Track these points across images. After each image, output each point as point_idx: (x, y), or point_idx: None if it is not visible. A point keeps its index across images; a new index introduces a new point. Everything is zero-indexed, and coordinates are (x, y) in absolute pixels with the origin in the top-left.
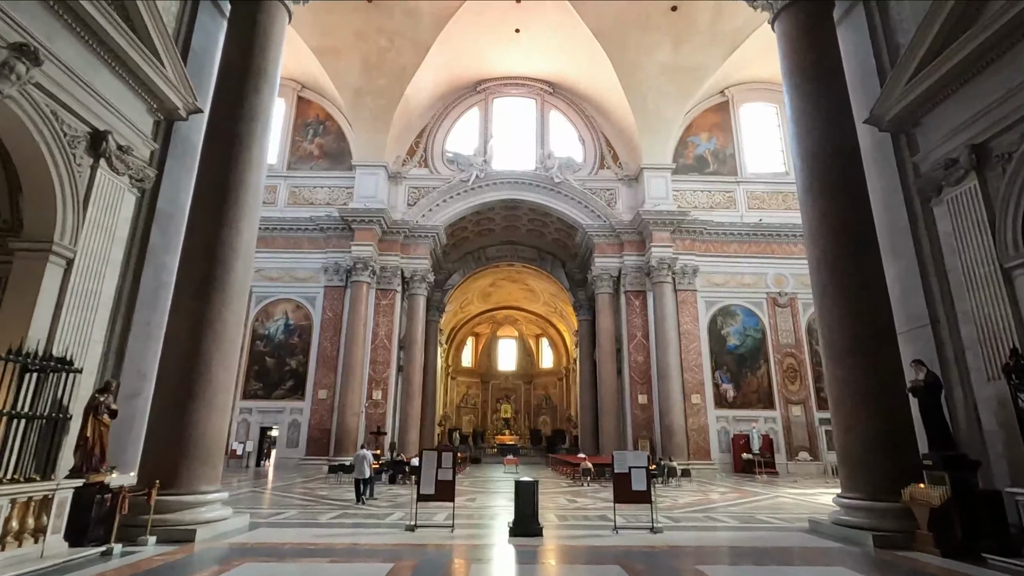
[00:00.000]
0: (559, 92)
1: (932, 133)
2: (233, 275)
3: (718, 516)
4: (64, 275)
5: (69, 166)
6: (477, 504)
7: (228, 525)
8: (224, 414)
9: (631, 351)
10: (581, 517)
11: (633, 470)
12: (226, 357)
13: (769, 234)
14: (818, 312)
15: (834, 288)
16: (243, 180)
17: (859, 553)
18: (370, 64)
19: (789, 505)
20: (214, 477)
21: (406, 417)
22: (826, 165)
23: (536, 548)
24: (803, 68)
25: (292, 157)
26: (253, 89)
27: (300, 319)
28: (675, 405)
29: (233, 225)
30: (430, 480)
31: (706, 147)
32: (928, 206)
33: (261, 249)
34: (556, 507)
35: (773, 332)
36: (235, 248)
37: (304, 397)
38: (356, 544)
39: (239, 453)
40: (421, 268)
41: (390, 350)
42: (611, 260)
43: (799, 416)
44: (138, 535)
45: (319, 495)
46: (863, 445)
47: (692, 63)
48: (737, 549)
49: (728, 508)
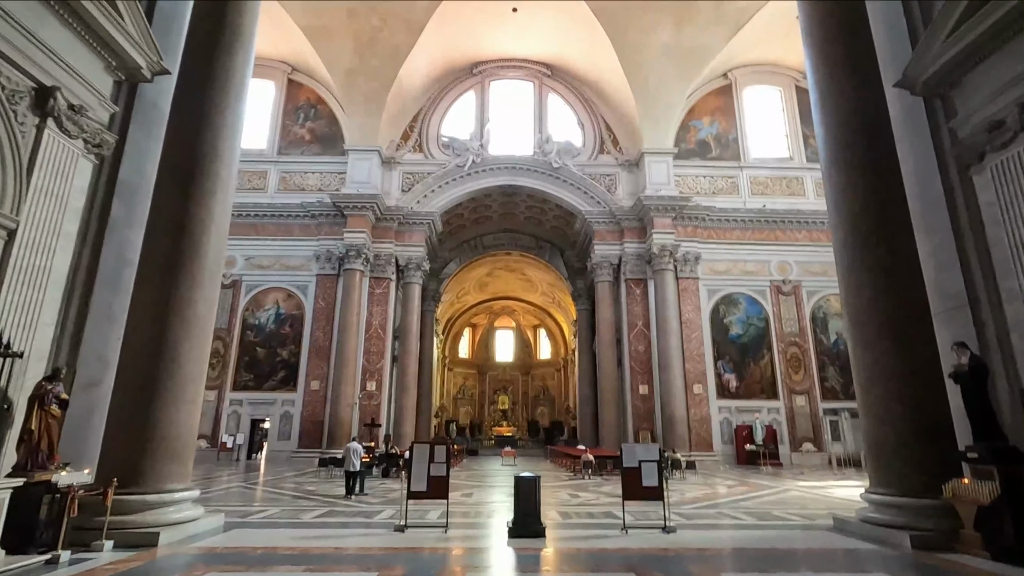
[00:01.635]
0: (557, 75)
1: (974, 94)
2: (203, 253)
3: (732, 512)
4: (4, 248)
5: (8, 124)
6: (474, 500)
7: (199, 526)
8: (194, 406)
9: (631, 341)
10: (585, 514)
11: (643, 464)
12: (196, 343)
13: (773, 220)
14: (844, 293)
15: (863, 266)
16: (215, 149)
17: (896, 556)
18: (362, 44)
19: (803, 500)
20: (183, 474)
21: (401, 409)
22: (853, 133)
23: (539, 552)
24: (826, 29)
25: (282, 142)
26: (226, 50)
27: (292, 308)
28: (677, 395)
29: (204, 198)
30: (422, 476)
31: (708, 131)
32: (967, 175)
33: (251, 236)
34: (558, 503)
35: (777, 321)
36: (205, 224)
37: (296, 388)
38: (338, 548)
39: (229, 446)
40: (416, 256)
41: (384, 340)
42: (611, 247)
43: (803, 406)
44: (94, 539)
45: (307, 490)
46: (896, 436)
47: (695, 44)
48: (761, 553)
49: (740, 503)
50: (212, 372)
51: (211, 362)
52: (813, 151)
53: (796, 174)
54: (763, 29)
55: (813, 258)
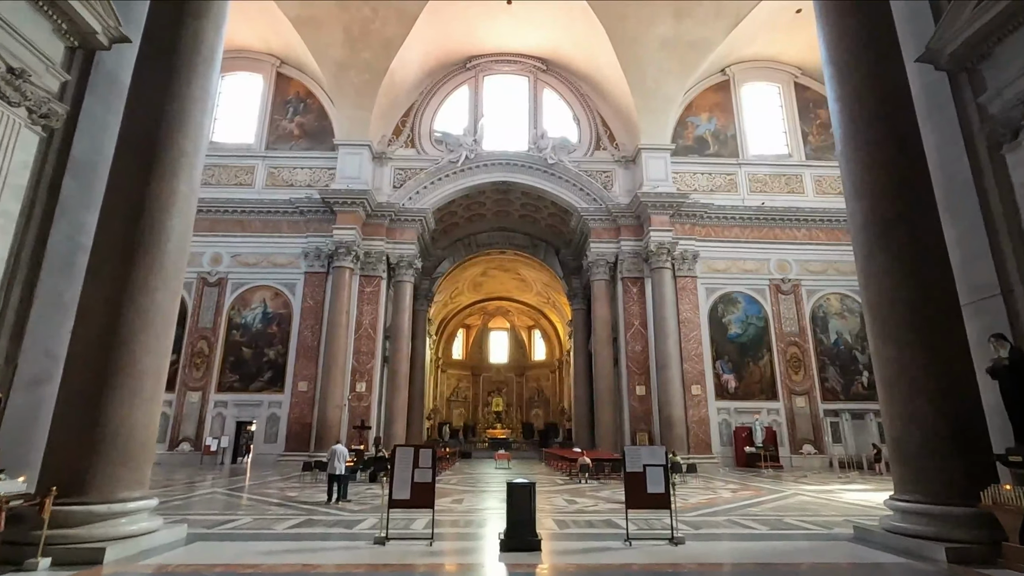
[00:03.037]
0: (553, 69)
1: (1007, 65)
2: (166, 236)
3: (741, 520)
4: None
5: None
6: (464, 507)
7: (155, 540)
8: (153, 404)
9: (628, 340)
10: (584, 523)
11: (648, 469)
12: (156, 334)
13: (772, 218)
14: (864, 283)
15: (885, 253)
16: (180, 124)
17: (933, 571)
18: (353, 36)
19: (813, 505)
20: (138, 480)
21: (392, 410)
22: (871, 108)
23: (533, 568)
24: (842, 1)
25: (271, 137)
26: (194, 14)
27: (279, 307)
28: (675, 396)
29: (167, 176)
30: (405, 482)
31: (706, 128)
32: (998, 154)
33: (237, 233)
34: (554, 509)
35: (776, 320)
36: (168, 204)
37: (283, 389)
38: (307, 566)
39: (213, 449)
40: (408, 253)
41: (375, 340)
42: (607, 245)
43: (803, 407)
44: (29, 556)
45: (287, 496)
46: (923, 436)
47: (694, 37)
48: (783, 569)
49: (747, 509)
50: (196, 373)
51: (195, 362)
52: (812, 148)
53: (795, 171)
54: (762, 23)
55: (813, 256)
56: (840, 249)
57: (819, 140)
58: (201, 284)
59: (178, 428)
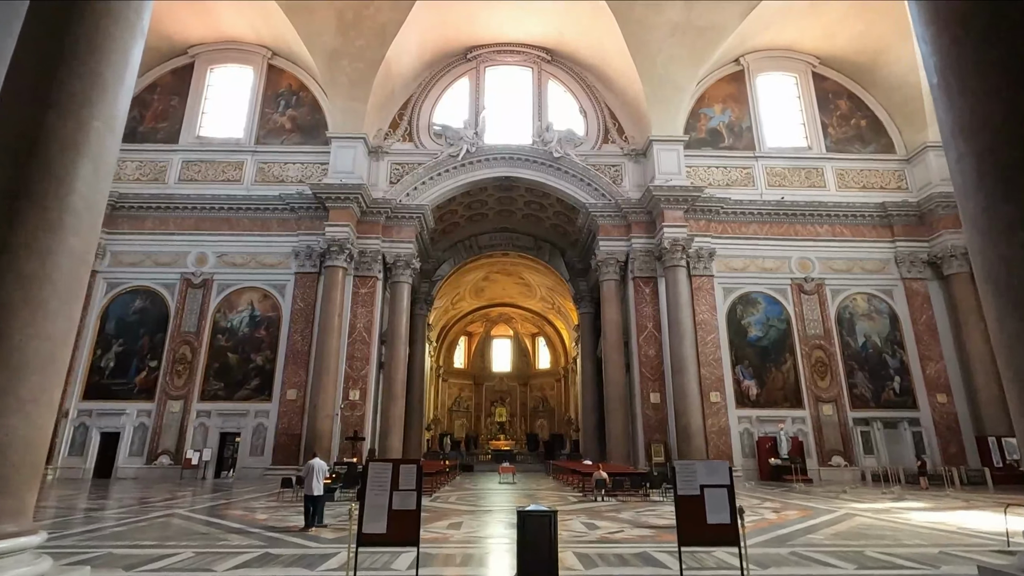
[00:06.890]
0: (558, 60)
1: None
2: (69, 185)
3: (809, 553)
4: None
5: None
6: (463, 533)
7: None
8: (39, 408)
9: (640, 344)
10: (613, 556)
11: (708, 491)
12: (48, 312)
13: (792, 213)
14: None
15: (1012, 203)
16: (98, 39)
17: None
18: (346, 22)
19: (885, 530)
20: (15, 510)
21: (388, 420)
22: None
23: None
24: None
25: (261, 131)
26: None
27: (267, 310)
28: (692, 404)
29: (74, 108)
30: (380, 511)
31: (720, 119)
32: None
33: (224, 231)
34: (572, 536)
35: (799, 322)
36: (72, 143)
37: (271, 398)
38: None
39: (195, 463)
40: (405, 253)
41: (370, 344)
42: (617, 243)
43: (831, 416)
44: None
45: (255, 520)
46: None
47: (706, 22)
48: None
49: (807, 537)
50: (178, 380)
51: (177, 369)
52: (833, 141)
53: (815, 164)
54: (777, 9)
55: (837, 254)
56: (867, 246)
57: (839, 132)
58: (185, 285)
59: (157, 440)
